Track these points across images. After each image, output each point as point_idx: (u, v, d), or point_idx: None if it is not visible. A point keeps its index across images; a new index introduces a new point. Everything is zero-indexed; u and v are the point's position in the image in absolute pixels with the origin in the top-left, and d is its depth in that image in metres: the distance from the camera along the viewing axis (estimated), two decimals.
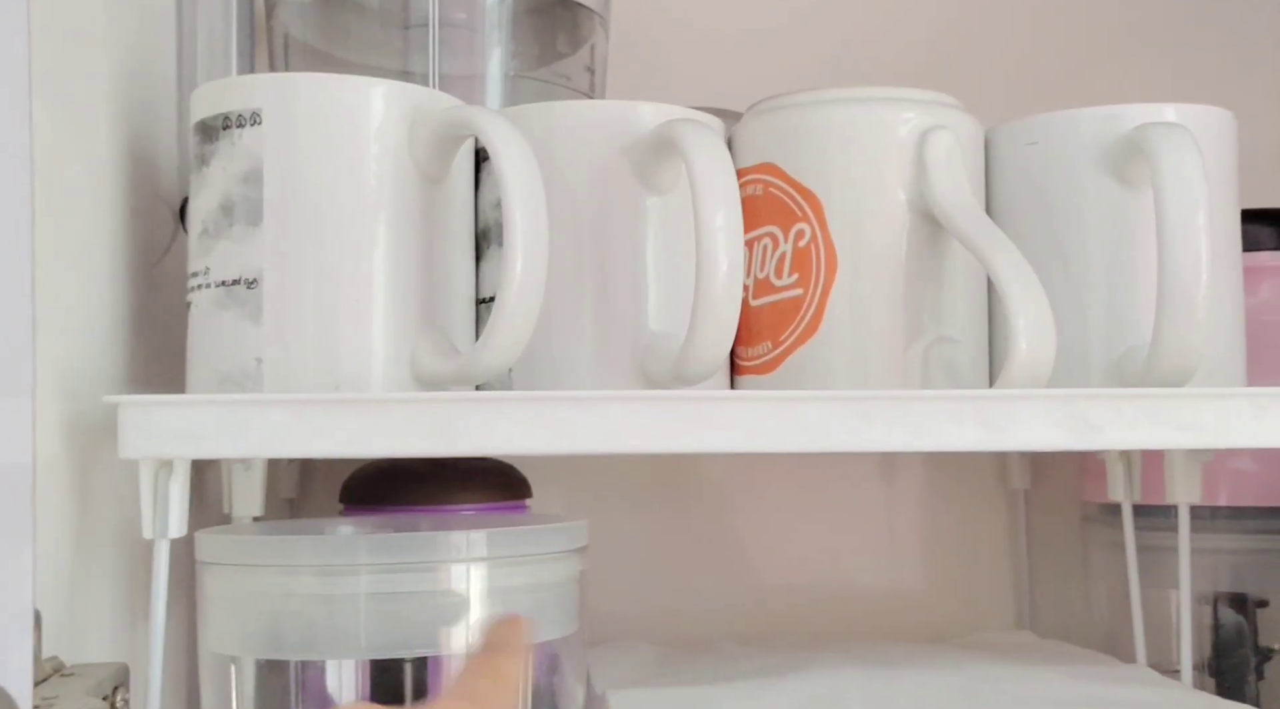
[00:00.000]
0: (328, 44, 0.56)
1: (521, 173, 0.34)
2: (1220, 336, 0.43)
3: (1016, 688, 0.48)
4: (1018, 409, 0.37)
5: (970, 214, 0.40)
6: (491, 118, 0.35)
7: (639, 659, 0.55)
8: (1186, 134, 0.39)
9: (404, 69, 0.54)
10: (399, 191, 0.37)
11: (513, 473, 0.58)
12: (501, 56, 0.55)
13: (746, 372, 0.43)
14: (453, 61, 0.54)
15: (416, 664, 0.40)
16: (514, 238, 0.34)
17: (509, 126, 0.35)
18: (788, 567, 0.67)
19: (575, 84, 0.57)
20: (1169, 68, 0.72)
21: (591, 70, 0.58)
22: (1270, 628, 0.58)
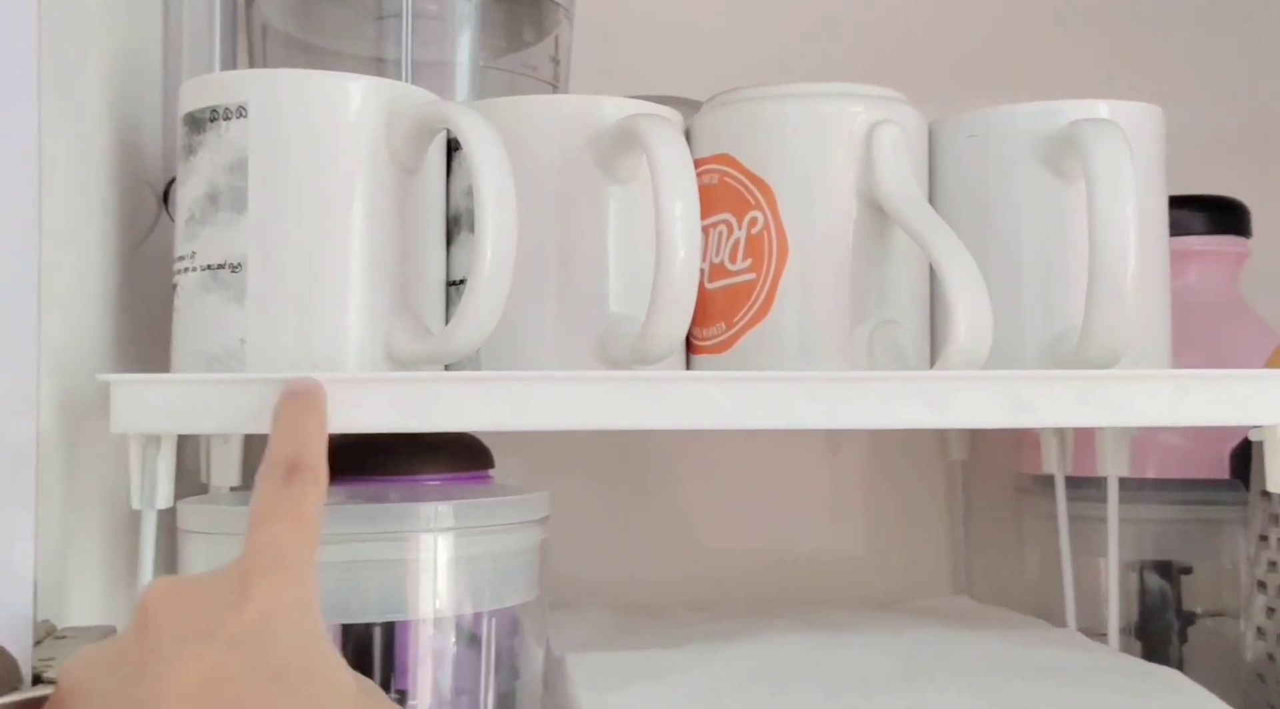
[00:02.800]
0: (305, 32, 0.57)
1: (492, 164, 0.36)
2: (1148, 321, 0.45)
3: (953, 651, 0.50)
4: (958, 389, 0.39)
5: (914, 204, 0.42)
6: (465, 112, 0.37)
7: (597, 624, 0.57)
8: (1117, 130, 0.41)
9: (378, 56, 0.55)
10: (376, 181, 0.39)
11: (476, 444, 0.60)
12: (471, 46, 0.57)
13: (702, 351, 0.46)
14: (425, 50, 0.55)
15: (385, 629, 0.42)
16: (484, 225, 0.36)
17: (481, 120, 0.37)
18: (738, 535, 0.70)
19: (541, 74, 0.59)
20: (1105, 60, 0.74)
21: (556, 60, 0.59)
22: (1194, 594, 0.61)
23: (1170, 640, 0.61)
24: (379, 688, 0.31)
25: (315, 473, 0.32)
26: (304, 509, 0.31)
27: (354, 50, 0.56)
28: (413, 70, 0.53)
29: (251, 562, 0.29)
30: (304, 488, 0.31)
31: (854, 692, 0.45)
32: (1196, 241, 0.62)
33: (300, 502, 0.31)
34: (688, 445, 0.70)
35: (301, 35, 0.57)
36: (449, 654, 0.43)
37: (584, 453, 0.68)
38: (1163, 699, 0.45)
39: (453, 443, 0.59)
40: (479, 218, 0.36)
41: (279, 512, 0.30)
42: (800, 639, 0.52)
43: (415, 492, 0.51)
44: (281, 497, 0.31)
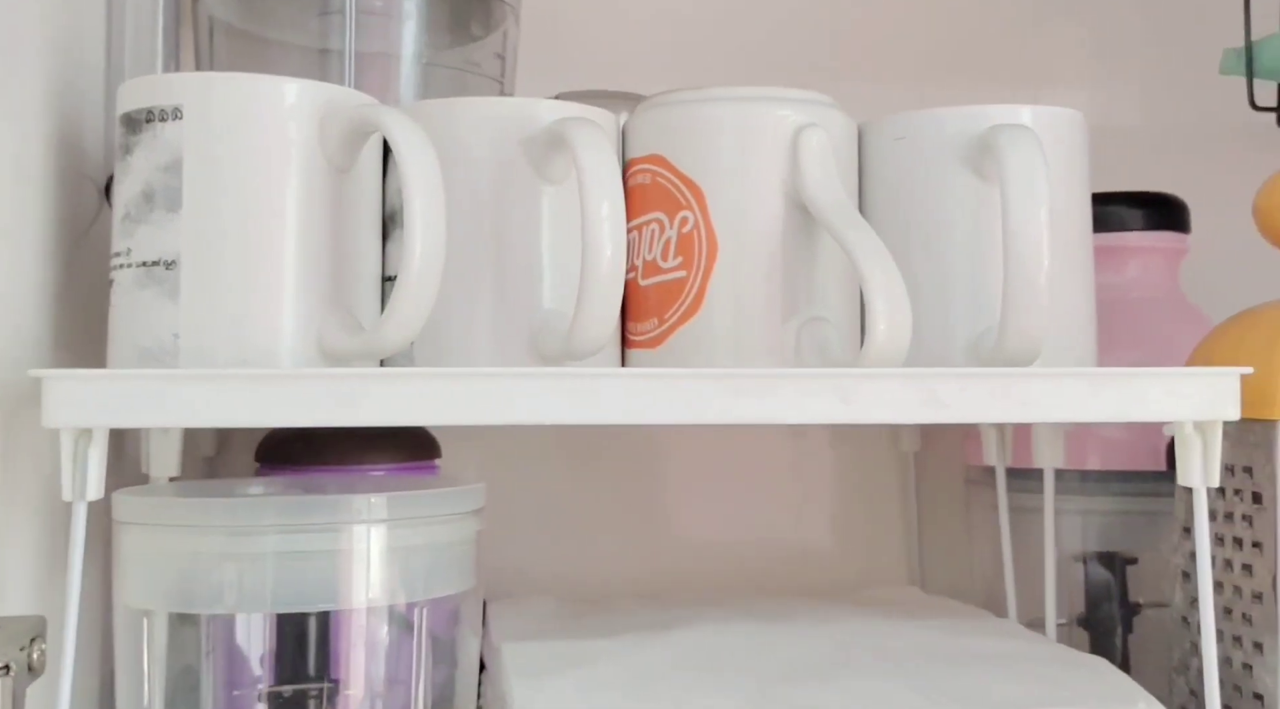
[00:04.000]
0: (250, 24, 0.58)
1: (421, 166, 0.37)
2: (1069, 319, 0.46)
3: (887, 640, 0.51)
4: (874, 386, 0.40)
5: (837, 206, 0.43)
6: (394, 116, 0.38)
7: (539, 613, 0.58)
8: (1030, 136, 0.42)
9: (323, 48, 0.56)
10: (309, 180, 0.40)
11: (422, 435, 0.61)
12: (416, 40, 0.58)
13: (636, 345, 0.47)
14: (370, 43, 0.56)
15: (320, 618, 0.43)
16: (413, 224, 0.37)
17: (410, 124, 0.38)
18: (695, 526, 0.71)
19: (486, 70, 0.60)
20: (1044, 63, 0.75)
21: (502, 57, 0.60)
22: (1138, 584, 0.62)
23: (1115, 631, 0.62)
24: None
25: None
26: None
27: (300, 42, 0.56)
28: (357, 63, 0.54)
29: None
30: None
31: (784, 679, 0.46)
32: (1136, 237, 0.63)
33: None
34: (648, 437, 0.71)
35: (247, 27, 0.58)
36: (383, 644, 0.44)
37: (542, 443, 0.69)
38: (1086, 686, 0.46)
39: (399, 434, 0.60)
40: (408, 218, 0.37)
41: None
42: (737, 628, 0.53)
43: (357, 483, 0.51)
44: None
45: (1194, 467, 0.42)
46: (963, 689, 0.45)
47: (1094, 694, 0.44)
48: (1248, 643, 0.47)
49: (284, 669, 0.43)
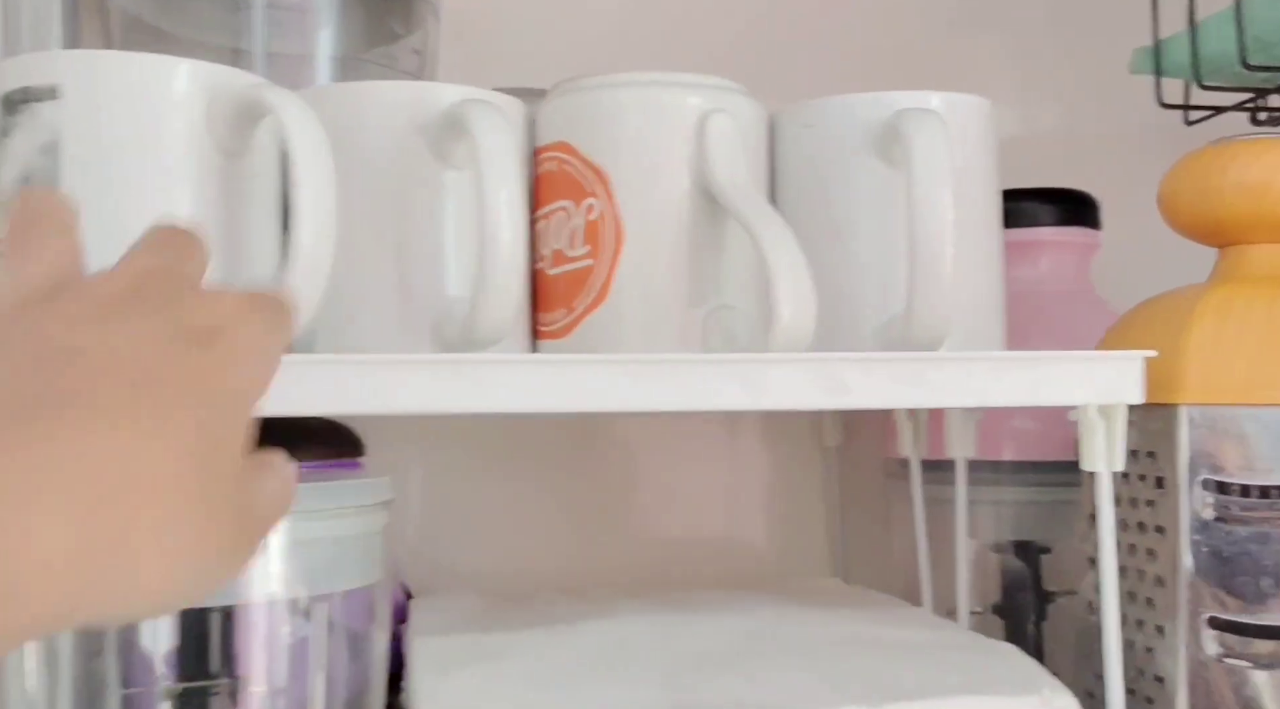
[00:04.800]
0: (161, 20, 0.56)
1: (309, 147, 0.36)
2: (975, 305, 0.47)
3: (798, 630, 0.52)
4: (777, 372, 0.40)
5: (742, 192, 0.43)
6: (281, 96, 0.37)
7: (462, 608, 0.57)
8: (936, 119, 0.42)
9: (236, 47, 0.55)
10: (196, 165, 0.39)
11: (345, 431, 0.60)
12: (332, 40, 0.57)
13: (545, 336, 0.46)
14: (285, 42, 0.55)
15: (223, 614, 0.42)
16: (301, 208, 0.36)
17: (298, 104, 0.37)
18: (626, 520, 0.71)
19: (403, 66, 0.59)
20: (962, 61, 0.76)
21: (420, 53, 0.59)
22: (1053, 573, 0.63)
23: (1029, 619, 0.63)
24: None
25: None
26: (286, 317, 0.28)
27: (213, 40, 0.55)
28: (273, 64, 0.53)
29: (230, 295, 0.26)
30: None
31: (694, 670, 0.45)
32: (1049, 233, 0.64)
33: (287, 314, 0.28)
34: (582, 433, 0.71)
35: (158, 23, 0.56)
36: (287, 638, 0.43)
37: (474, 440, 0.69)
38: (993, 672, 0.46)
39: (320, 431, 0.59)
40: (295, 203, 0.36)
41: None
42: (651, 619, 0.52)
43: None
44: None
45: (1098, 451, 0.43)
46: (872, 677, 0.45)
47: (1000, 680, 0.44)
48: (1150, 626, 0.47)
49: (187, 666, 0.42)
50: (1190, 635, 0.45)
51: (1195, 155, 0.50)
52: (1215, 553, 0.45)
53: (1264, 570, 0.44)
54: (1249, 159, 0.47)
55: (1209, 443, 0.45)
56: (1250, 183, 0.47)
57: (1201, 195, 0.49)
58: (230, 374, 0.25)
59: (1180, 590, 0.45)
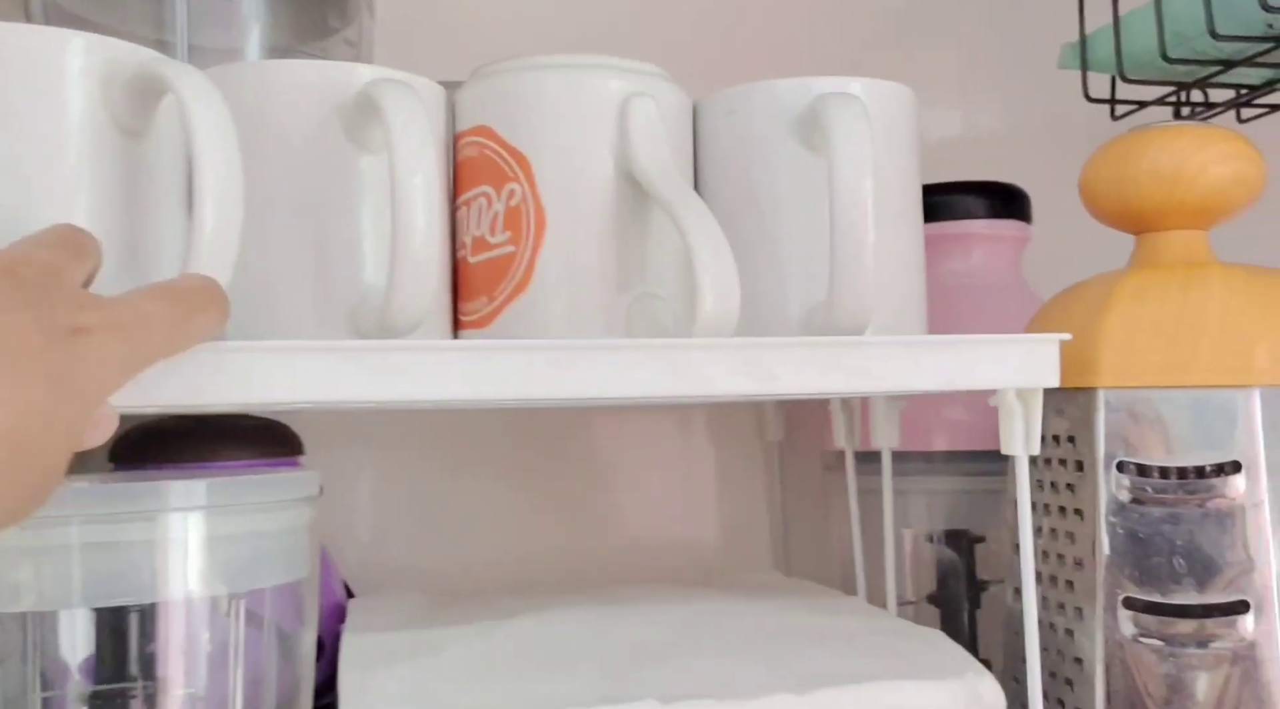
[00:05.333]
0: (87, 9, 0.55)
1: (211, 127, 0.35)
2: (897, 292, 0.47)
3: (733, 621, 0.52)
4: (702, 358, 0.40)
5: (664, 177, 0.43)
6: (180, 70, 0.36)
7: (400, 607, 0.57)
8: (857, 104, 0.42)
9: (160, 39, 0.54)
10: (92, 145, 0.37)
11: (282, 430, 0.59)
12: (261, 33, 0.56)
13: (466, 325, 0.46)
14: (212, 34, 0.54)
15: (141, 613, 0.41)
16: (203, 193, 0.35)
17: (198, 79, 0.35)
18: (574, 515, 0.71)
19: (334, 57, 0.58)
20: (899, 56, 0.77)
21: (354, 45, 0.59)
22: (986, 562, 0.64)
23: (963, 607, 0.64)
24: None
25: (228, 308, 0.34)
26: (195, 320, 0.33)
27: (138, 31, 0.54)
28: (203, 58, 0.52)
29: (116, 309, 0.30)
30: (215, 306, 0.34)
31: (628, 662, 0.45)
32: (980, 226, 0.65)
33: (198, 314, 0.33)
34: (529, 431, 0.71)
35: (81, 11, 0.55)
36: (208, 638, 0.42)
37: (425, 439, 0.69)
38: (921, 657, 0.46)
39: (257, 429, 0.59)
40: (196, 186, 0.35)
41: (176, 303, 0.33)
42: (587, 614, 0.52)
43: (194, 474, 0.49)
44: (190, 295, 0.33)
45: (1016, 435, 0.43)
46: (802, 665, 0.45)
47: (927, 666, 0.45)
48: (1070, 609, 0.48)
49: (104, 668, 0.41)
50: (1108, 617, 0.45)
51: (1112, 144, 0.50)
52: (1131, 535, 0.45)
53: (1177, 551, 0.44)
54: (1162, 145, 0.48)
55: (1125, 426, 0.46)
56: (1163, 169, 0.48)
57: (1118, 183, 0.49)
58: (80, 372, 0.29)
59: (1098, 572, 0.46)
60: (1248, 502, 0.44)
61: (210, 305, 0.34)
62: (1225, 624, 0.44)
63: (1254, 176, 0.48)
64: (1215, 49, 0.56)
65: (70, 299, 0.30)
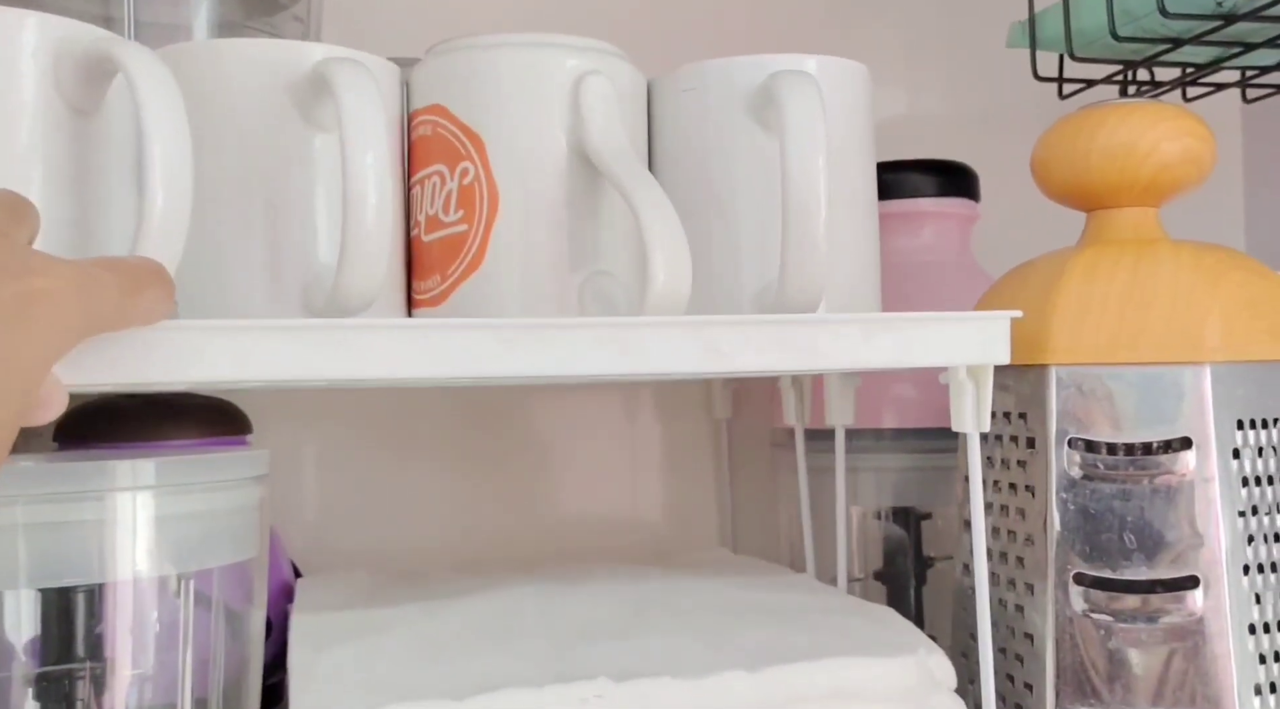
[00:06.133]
0: None
1: (159, 104, 0.34)
2: (850, 270, 0.47)
3: (683, 598, 0.52)
4: (653, 336, 0.40)
5: (617, 155, 0.43)
6: (130, 49, 0.35)
7: (347, 586, 0.56)
8: (809, 82, 0.42)
9: (105, 15, 0.52)
10: (42, 124, 0.37)
11: (229, 408, 0.59)
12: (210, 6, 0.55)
13: (420, 304, 0.45)
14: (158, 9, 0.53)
15: (88, 594, 0.40)
16: (151, 171, 0.34)
17: (146, 56, 0.35)
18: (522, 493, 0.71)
19: (284, 34, 0.57)
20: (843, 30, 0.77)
21: (302, 21, 0.58)
22: (933, 538, 0.64)
23: (909, 584, 0.64)
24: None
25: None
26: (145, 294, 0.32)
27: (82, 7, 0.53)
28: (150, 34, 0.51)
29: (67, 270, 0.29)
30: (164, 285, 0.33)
31: (577, 639, 0.45)
32: (929, 203, 0.65)
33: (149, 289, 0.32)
34: (479, 409, 0.70)
35: None
36: (156, 618, 0.41)
37: (371, 417, 0.69)
38: (872, 634, 0.46)
39: (204, 408, 0.58)
40: (144, 165, 0.34)
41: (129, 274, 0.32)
42: (537, 591, 0.52)
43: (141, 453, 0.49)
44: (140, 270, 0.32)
45: (966, 411, 0.43)
46: (753, 642, 0.45)
47: (877, 642, 0.45)
48: (1020, 585, 0.48)
49: (50, 650, 0.40)
50: (1058, 592, 0.46)
51: (1064, 121, 0.51)
52: (1082, 510, 0.46)
53: (1127, 527, 0.45)
54: (1115, 123, 0.48)
55: (1076, 403, 0.46)
56: (1115, 147, 0.48)
57: (1069, 160, 0.50)
58: (27, 339, 0.28)
59: (1049, 548, 0.46)
60: (1197, 477, 0.44)
61: (159, 284, 0.33)
62: (1174, 599, 0.44)
63: (1204, 154, 0.49)
64: (1164, 27, 0.57)
65: (17, 260, 0.29)
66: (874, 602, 0.53)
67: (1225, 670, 0.44)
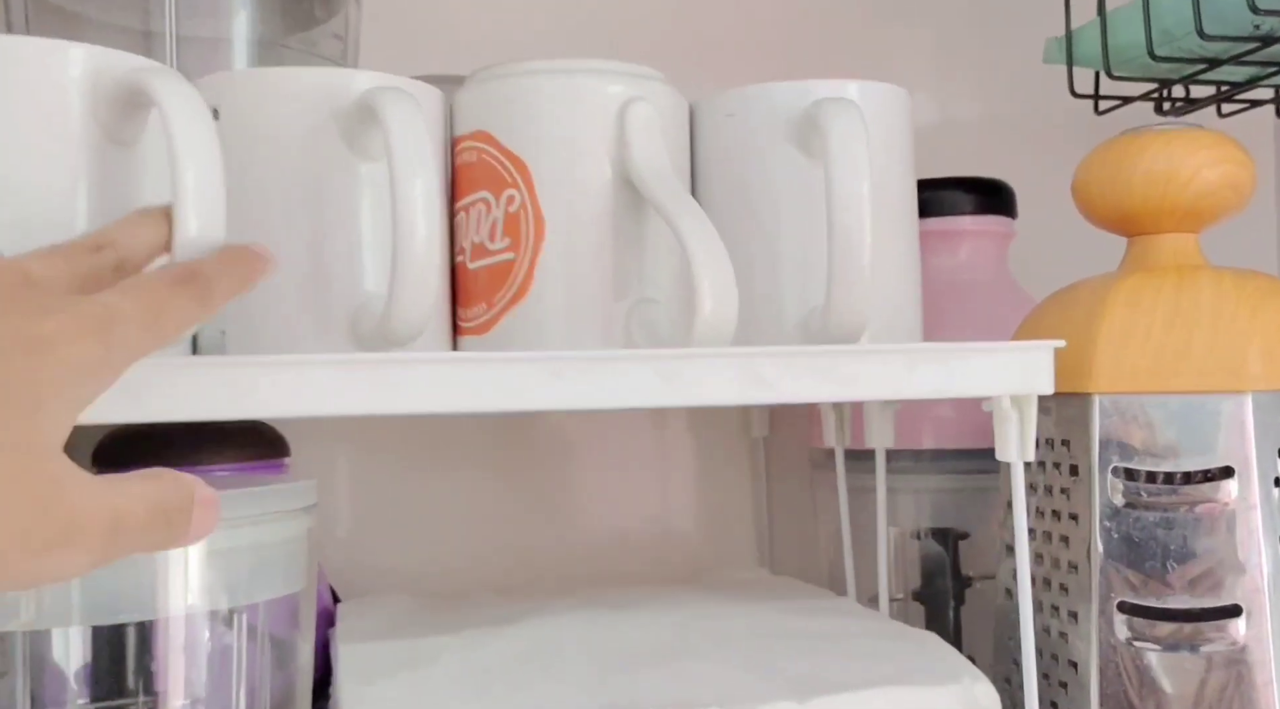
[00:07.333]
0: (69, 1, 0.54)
1: (190, 133, 0.34)
2: (893, 296, 0.47)
3: (726, 624, 0.52)
4: (698, 367, 0.40)
5: (662, 181, 0.43)
6: (162, 80, 0.35)
7: (391, 611, 0.56)
8: (854, 109, 0.42)
9: (146, 29, 0.53)
10: (85, 155, 0.37)
11: (268, 432, 0.59)
12: (248, 23, 0.55)
13: (466, 332, 0.45)
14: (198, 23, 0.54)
15: (139, 628, 0.40)
16: (183, 201, 0.34)
17: (181, 89, 0.35)
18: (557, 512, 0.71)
19: (322, 51, 0.58)
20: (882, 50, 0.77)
21: (341, 38, 0.58)
22: (971, 558, 0.64)
23: (948, 604, 0.64)
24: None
25: (207, 291, 0.32)
26: (168, 310, 0.31)
27: (123, 21, 0.53)
28: (188, 47, 0.51)
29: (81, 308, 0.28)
30: (186, 293, 0.31)
31: (623, 667, 0.45)
32: (967, 222, 0.65)
33: (170, 302, 0.31)
34: (512, 428, 0.70)
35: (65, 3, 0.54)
36: (207, 651, 0.41)
37: (401, 437, 0.69)
38: (917, 662, 0.46)
39: (243, 432, 0.58)
40: (176, 193, 0.34)
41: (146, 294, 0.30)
42: (580, 617, 0.52)
43: None
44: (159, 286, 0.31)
45: (1011, 441, 0.43)
46: (799, 670, 0.45)
47: (922, 670, 0.45)
48: (1064, 612, 0.48)
49: (101, 684, 0.40)
50: (1102, 620, 0.46)
51: (1106, 146, 0.51)
52: (1125, 538, 0.46)
53: (1169, 554, 0.45)
54: (1157, 150, 0.48)
55: (1119, 430, 0.46)
56: (1156, 173, 0.48)
57: (1111, 186, 0.50)
58: (48, 386, 0.27)
59: (1093, 576, 0.46)
60: (1239, 506, 0.44)
61: (183, 290, 0.32)
62: (1217, 628, 0.44)
63: (1244, 180, 0.48)
64: (1201, 48, 0.57)
65: (33, 302, 0.28)
66: (913, 622, 0.53)
67: (1268, 699, 0.44)
